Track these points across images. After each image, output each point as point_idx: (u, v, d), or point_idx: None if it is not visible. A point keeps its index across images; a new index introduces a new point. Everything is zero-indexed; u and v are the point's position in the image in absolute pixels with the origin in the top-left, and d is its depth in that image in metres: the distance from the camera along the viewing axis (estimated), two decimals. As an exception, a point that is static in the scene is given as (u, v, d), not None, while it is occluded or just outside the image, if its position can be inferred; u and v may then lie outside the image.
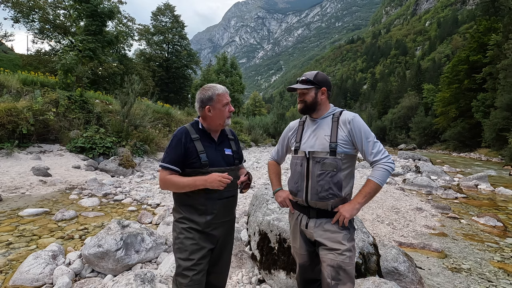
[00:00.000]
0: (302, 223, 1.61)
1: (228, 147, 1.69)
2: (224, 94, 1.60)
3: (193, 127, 1.60)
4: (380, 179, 1.46)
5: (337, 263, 1.44)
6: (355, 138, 1.50)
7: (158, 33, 30.62)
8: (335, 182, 1.48)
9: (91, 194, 5.33)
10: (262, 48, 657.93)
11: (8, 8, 16.98)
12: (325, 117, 1.61)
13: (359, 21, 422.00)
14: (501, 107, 21.08)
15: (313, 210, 1.55)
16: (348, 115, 1.56)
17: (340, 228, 1.49)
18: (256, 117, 29.53)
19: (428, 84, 50.30)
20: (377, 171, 1.47)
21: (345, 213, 1.46)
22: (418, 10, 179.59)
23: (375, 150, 1.49)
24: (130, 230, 2.77)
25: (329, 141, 1.51)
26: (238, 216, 4.24)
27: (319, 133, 1.58)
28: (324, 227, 1.52)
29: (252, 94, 52.06)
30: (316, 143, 1.56)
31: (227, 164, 1.62)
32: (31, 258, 2.47)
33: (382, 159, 1.48)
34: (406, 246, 3.66)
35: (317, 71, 1.65)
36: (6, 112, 6.76)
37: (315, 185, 1.51)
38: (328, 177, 1.49)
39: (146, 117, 10.44)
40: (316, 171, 1.52)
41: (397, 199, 5.99)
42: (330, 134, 1.53)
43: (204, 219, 1.50)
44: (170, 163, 1.50)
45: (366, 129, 1.52)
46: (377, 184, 1.46)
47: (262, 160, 11.97)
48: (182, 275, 1.44)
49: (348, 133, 1.51)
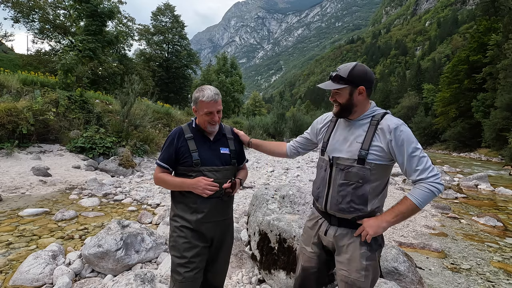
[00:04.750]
0: (322, 229, 1.46)
1: (225, 146, 1.66)
2: (207, 103, 1.50)
3: (188, 126, 1.63)
4: (420, 200, 1.20)
5: (351, 280, 1.31)
6: (396, 151, 1.25)
7: (158, 33, 30.59)
8: (359, 195, 1.29)
9: (91, 194, 5.32)
10: (262, 48, 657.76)
11: (8, 8, 16.96)
12: (361, 119, 1.37)
13: (359, 21, 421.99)
14: (501, 107, 21.10)
15: (335, 218, 1.40)
16: (392, 121, 1.28)
17: (362, 243, 1.31)
18: (256, 117, 29.52)
19: (428, 84, 50.32)
20: (418, 190, 1.21)
21: (368, 229, 1.27)
22: (418, 10, 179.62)
23: (421, 167, 1.21)
24: (130, 230, 2.77)
25: (360, 148, 1.29)
26: (238, 216, 4.24)
27: (350, 137, 1.36)
28: (344, 239, 1.36)
29: (252, 94, 52.01)
30: (343, 148, 1.36)
31: (222, 164, 1.59)
32: (31, 258, 2.47)
33: (429, 178, 1.20)
34: (406, 246, 3.66)
35: (355, 63, 1.35)
36: (6, 112, 6.76)
37: (335, 195, 1.35)
38: (351, 189, 1.30)
39: (146, 117, 10.43)
40: (338, 180, 1.34)
41: (397, 199, 5.98)
42: (363, 140, 1.30)
43: (195, 217, 1.51)
44: (163, 161, 1.56)
45: (412, 140, 1.23)
46: (415, 205, 1.20)
47: (262, 160, 11.96)
48: (176, 272, 1.49)
49: (387, 144, 1.26)
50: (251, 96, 51.70)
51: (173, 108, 17.70)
